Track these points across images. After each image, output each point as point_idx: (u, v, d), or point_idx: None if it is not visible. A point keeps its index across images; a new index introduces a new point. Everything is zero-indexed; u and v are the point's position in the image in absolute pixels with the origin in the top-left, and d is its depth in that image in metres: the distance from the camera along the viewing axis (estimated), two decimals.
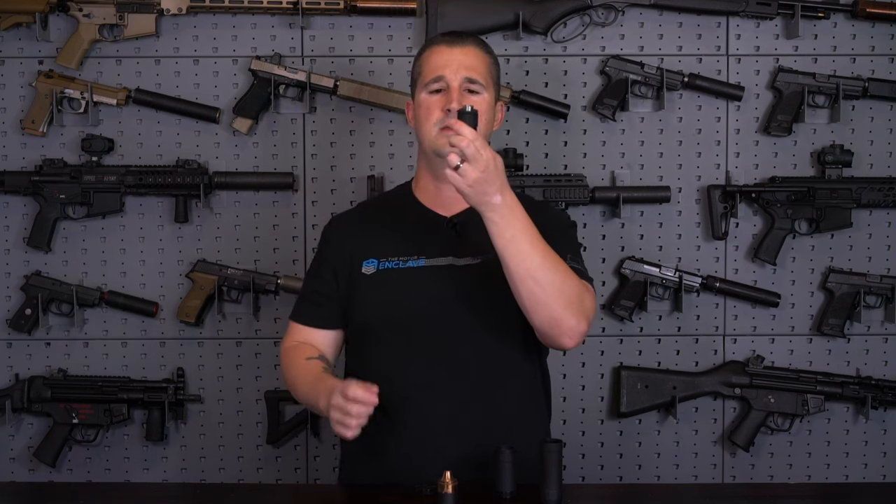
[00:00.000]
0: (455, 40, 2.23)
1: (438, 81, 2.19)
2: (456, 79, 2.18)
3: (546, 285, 2.01)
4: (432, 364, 2.16)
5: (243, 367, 3.16)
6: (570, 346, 2.09)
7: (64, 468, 3.15)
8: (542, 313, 2.04)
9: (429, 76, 2.20)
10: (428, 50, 2.25)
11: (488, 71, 2.23)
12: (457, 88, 2.17)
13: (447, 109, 2.15)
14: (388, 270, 2.21)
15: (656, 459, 3.19)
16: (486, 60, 2.23)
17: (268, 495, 2.35)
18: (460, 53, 2.20)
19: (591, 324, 2.10)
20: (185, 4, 3.05)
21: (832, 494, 2.38)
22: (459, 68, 2.18)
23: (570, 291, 2.04)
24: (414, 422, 2.16)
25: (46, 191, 3.06)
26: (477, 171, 1.94)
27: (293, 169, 3.13)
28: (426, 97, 2.20)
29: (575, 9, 3.08)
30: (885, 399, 3.12)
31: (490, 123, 2.23)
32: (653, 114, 3.14)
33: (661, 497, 2.28)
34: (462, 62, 2.19)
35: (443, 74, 2.18)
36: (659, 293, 3.14)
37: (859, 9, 3.07)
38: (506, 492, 2.00)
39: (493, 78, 2.24)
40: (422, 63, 2.24)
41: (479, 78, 2.19)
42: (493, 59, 2.26)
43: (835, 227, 3.13)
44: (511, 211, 1.99)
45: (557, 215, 2.38)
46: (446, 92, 2.18)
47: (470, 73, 2.19)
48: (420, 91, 2.22)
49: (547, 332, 2.07)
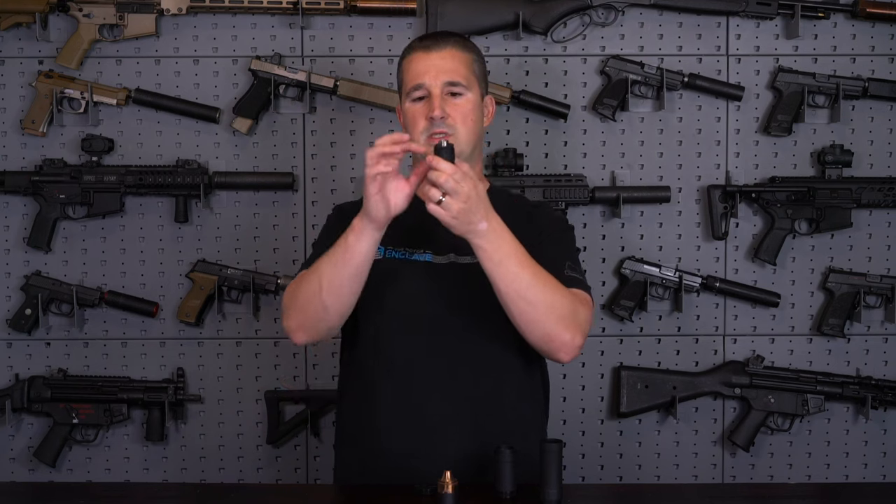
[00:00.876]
0: (431, 44, 2.21)
1: (419, 89, 2.17)
2: (436, 85, 2.16)
3: (537, 304, 2.02)
4: (433, 359, 2.16)
5: (243, 367, 3.16)
6: (566, 361, 2.10)
7: (64, 468, 3.15)
8: (535, 331, 2.05)
9: (410, 84, 2.19)
10: (407, 57, 2.23)
11: (470, 69, 2.21)
12: (438, 95, 2.16)
13: (430, 118, 2.14)
14: (395, 260, 2.20)
15: (656, 459, 3.19)
16: (465, 59, 2.21)
17: (268, 495, 2.35)
18: (438, 58, 2.18)
19: (587, 335, 2.10)
20: (185, 4, 3.05)
21: (832, 494, 2.38)
22: (438, 73, 2.17)
23: (562, 308, 2.04)
24: (411, 419, 2.16)
25: (46, 191, 3.06)
26: (459, 202, 1.94)
27: (293, 169, 3.13)
28: (410, 106, 2.19)
29: (575, 9, 3.08)
30: (885, 399, 3.12)
31: (479, 121, 2.22)
32: (653, 114, 3.14)
33: (661, 497, 2.28)
34: (440, 67, 2.17)
35: (422, 82, 2.17)
36: (659, 293, 3.14)
37: (859, 9, 3.07)
38: (506, 492, 2.00)
39: (476, 75, 2.22)
40: (403, 71, 2.23)
41: (459, 79, 2.18)
42: (474, 56, 2.24)
43: (835, 227, 3.13)
44: (498, 235, 2.00)
45: (555, 219, 2.36)
46: (428, 99, 2.17)
47: (450, 76, 2.17)
48: (404, 100, 2.21)
49: (542, 348, 2.09)
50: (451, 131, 2.15)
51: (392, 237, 2.16)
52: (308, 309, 2.09)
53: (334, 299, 2.07)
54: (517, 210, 2.27)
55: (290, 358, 3.16)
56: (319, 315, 2.09)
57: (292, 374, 3.16)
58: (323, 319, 2.10)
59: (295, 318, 2.12)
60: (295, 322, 2.12)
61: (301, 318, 2.11)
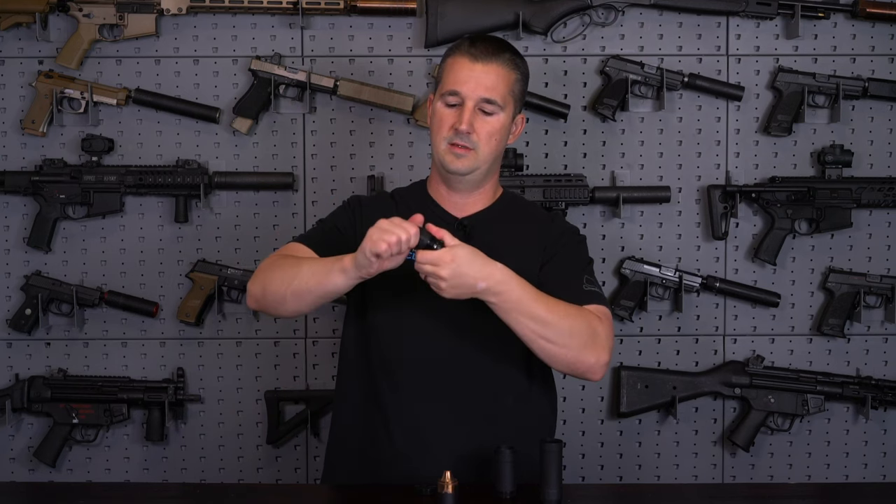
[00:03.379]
0: (479, 55, 2.17)
1: (455, 95, 2.16)
2: (472, 97, 2.15)
3: (556, 338, 2.05)
4: (440, 363, 2.16)
5: (243, 367, 3.16)
6: (597, 380, 2.13)
7: (64, 468, 3.16)
8: (559, 362, 2.09)
9: (447, 87, 2.17)
10: (452, 57, 2.20)
11: (509, 89, 2.18)
12: (470, 109, 2.14)
13: (456, 129, 2.14)
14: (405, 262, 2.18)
15: (656, 459, 3.19)
16: (509, 78, 2.18)
17: (268, 495, 2.35)
18: (481, 71, 2.15)
19: (612, 348, 2.13)
20: (185, 4, 3.05)
21: (832, 494, 2.38)
22: (477, 87, 2.15)
23: (580, 334, 2.07)
24: (414, 421, 2.16)
25: (46, 191, 3.06)
26: (447, 284, 1.99)
27: (293, 169, 3.13)
28: (441, 107, 2.18)
29: (575, 9, 3.08)
30: (885, 399, 3.12)
31: (504, 140, 2.21)
32: (653, 114, 3.14)
33: (661, 497, 2.28)
34: (480, 81, 2.15)
35: (459, 90, 2.15)
36: (659, 293, 3.14)
37: (859, 9, 3.07)
38: (506, 492, 2.00)
39: (514, 95, 2.20)
40: (444, 68, 2.21)
41: (496, 98, 2.16)
42: (518, 75, 2.21)
43: (835, 227, 3.13)
44: (503, 287, 2.02)
45: (570, 230, 2.34)
46: (460, 109, 2.15)
47: (487, 94, 2.15)
48: (437, 97, 2.20)
49: (570, 374, 2.13)
50: (473, 146, 2.14)
51: None
52: (271, 287, 2.13)
53: (296, 302, 2.12)
54: (531, 220, 2.27)
55: (290, 358, 3.16)
56: (277, 301, 2.14)
57: (292, 375, 3.16)
58: (278, 307, 2.16)
59: (257, 286, 2.17)
60: (255, 288, 2.17)
61: (261, 290, 2.15)
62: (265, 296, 2.15)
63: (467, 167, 2.17)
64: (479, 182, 2.22)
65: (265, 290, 2.15)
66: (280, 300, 2.13)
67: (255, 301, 2.18)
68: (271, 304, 2.16)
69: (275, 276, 2.13)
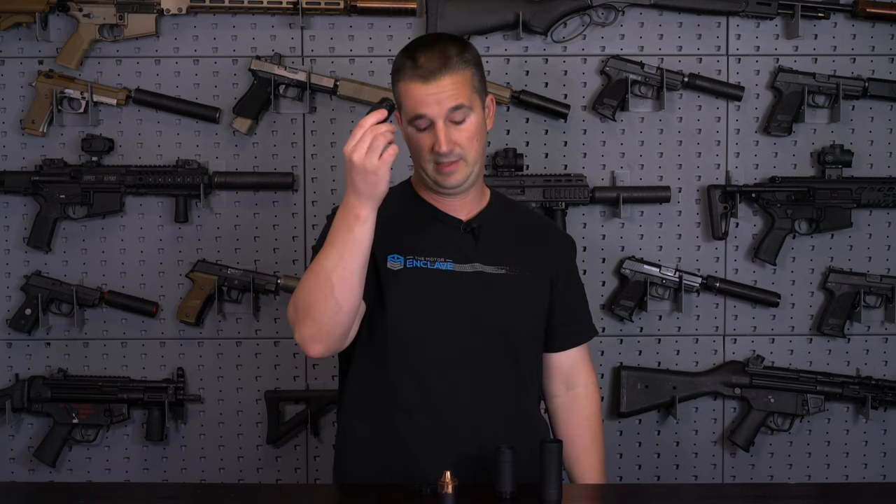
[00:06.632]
0: (428, 75, 2.07)
1: (422, 119, 2.09)
2: (440, 116, 2.08)
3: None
4: (452, 365, 2.14)
5: (243, 367, 3.16)
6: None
7: (64, 468, 3.16)
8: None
9: (410, 113, 2.10)
10: (402, 82, 2.11)
11: (470, 86, 2.11)
12: (442, 128, 2.07)
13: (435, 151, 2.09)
14: (417, 270, 2.14)
15: (656, 459, 3.19)
16: (465, 79, 2.10)
17: (268, 495, 2.35)
18: (437, 89, 2.07)
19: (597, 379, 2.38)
20: (185, 4, 3.05)
21: (832, 494, 2.38)
22: (440, 105, 2.07)
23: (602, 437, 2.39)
24: (429, 424, 2.14)
25: (46, 191, 3.06)
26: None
27: (293, 169, 3.13)
28: (413, 132, 2.12)
29: (575, 9, 3.08)
30: (885, 399, 3.12)
31: (484, 133, 2.15)
32: (653, 114, 3.14)
33: (661, 497, 2.28)
34: (440, 99, 2.07)
35: (424, 113, 2.08)
36: (659, 293, 3.13)
37: (859, 9, 3.07)
38: (506, 492, 2.00)
39: (476, 88, 2.13)
40: (399, 93, 2.12)
41: (462, 102, 2.08)
42: (472, 69, 2.12)
43: (835, 227, 3.13)
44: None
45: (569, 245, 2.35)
46: (432, 130, 2.09)
47: (452, 103, 2.08)
48: (405, 123, 2.13)
49: None
50: (459, 157, 2.10)
51: (412, 247, 2.14)
52: (322, 311, 2.01)
53: (347, 295, 2.01)
54: (527, 231, 2.26)
55: (290, 358, 3.16)
56: (334, 315, 2.01)
57: (292, 375, 3.16)
58: (338, 321, 2.02)
59: (308, 327, 2.03)
60: (308, 331, 2.03)
61: (314, 326, 2.03)
62: (321, 325, 2.02)
63: (460, 179, 2.13)
64: (473, 182, 2.21)
65: (316, 320, 2.02)
66: (335, 309, 2.01)
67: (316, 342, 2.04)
68: (331, 326, 2.03)
69: (312, 302, 2.02)
